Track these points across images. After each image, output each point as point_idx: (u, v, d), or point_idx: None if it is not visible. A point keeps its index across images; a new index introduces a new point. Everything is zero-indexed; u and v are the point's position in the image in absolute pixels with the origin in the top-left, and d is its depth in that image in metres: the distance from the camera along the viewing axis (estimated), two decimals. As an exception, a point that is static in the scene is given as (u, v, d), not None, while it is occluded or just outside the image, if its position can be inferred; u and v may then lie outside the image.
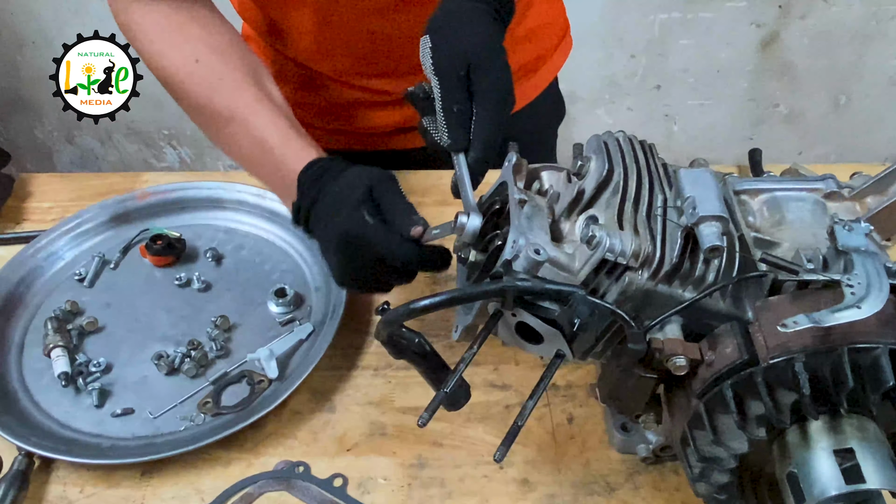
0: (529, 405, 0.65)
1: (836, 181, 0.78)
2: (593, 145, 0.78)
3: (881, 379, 0.59)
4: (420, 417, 0.62)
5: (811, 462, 0.61)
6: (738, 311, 0.69)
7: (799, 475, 0.62)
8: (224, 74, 0.91)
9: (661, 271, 0.67)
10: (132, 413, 0.89)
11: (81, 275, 1.03)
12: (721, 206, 0.67)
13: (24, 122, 2.57)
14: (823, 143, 2.58)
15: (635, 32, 2.33)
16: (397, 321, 0.64)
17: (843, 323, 0.59)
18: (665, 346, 0.65)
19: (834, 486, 0.59)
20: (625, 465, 0.83)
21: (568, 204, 0.73)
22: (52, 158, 2.67)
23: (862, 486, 0.59)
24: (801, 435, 0.63)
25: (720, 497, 0.69)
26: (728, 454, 0.64)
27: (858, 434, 0.62)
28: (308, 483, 0.82)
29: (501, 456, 0.62)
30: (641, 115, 2.51)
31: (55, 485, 0.83)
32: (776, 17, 2.27)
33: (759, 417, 0.62)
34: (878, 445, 0.62)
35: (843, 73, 2.40)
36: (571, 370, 0.92)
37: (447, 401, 0.66)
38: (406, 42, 0.96)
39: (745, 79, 2.42)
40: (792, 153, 2.56)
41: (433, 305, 0.61)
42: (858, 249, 0.65)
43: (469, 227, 0.70)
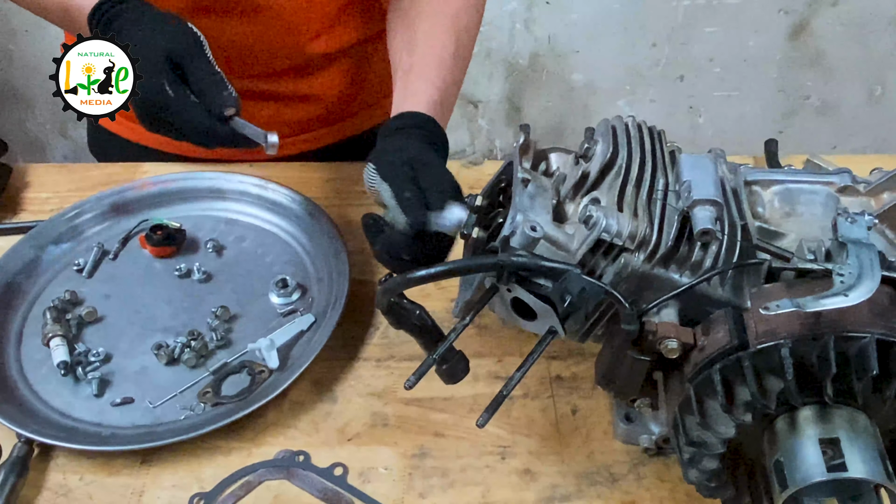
0: (517, 376, 0.71)
1: (851, 175, 0.83)
2: (602, 129, 0.84)
3: (867, 367, 0.64)
4: (407, 380, 0.68)
5: (796, 450, 0.67)
6: (737, 299, 0.74)
7: (784, 462, 0.67)
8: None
9: (657, 254, 0.73)
10: (132, 402, 0.95)
11: (80, 265, 1.10)
12: (716, 191, 0.72)
13: (16, 114, 2.64)
14: (859, 135, 2.61)
15: (658, 19, 2.37)
16: (396, 289, 0.70)
17: (832, 311, 0.64)
18: (658, 328, 0.71)
19: (817, 474, 0.65)
20: (629, 457, 0.88)
21: (572, 185, 0.79)
22: (44, 152, 2.74)
23: (844, 474, 0.64)
24: (790, 423, 0.68)
25: (711, 485, 0.74)
26: (716, 439, 0.69)
27: (847, 425, 0.67)
28: (308, 472, 0.88)
29: (484, 422, 0.68)
30: (665, 107, 2.56)
31: (55, 472, 0.89)
32: (806, 4, 2.31)
33: (746, 403, 0.67)
34: (866, 437, 0.66)
35: (879, 62, 2.43)
36: (577, 362, 0.97)
37: (446, 374, 0.72)
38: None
39: (774, 68, 2.46)
40: (826, 146, 2.60)
41: (430, 276, 0.68)
42: (859, 241, 0.70)
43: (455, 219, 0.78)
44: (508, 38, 2.45)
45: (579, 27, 2.41)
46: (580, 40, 2.45)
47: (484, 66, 2.50)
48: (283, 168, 1.23)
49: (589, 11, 2.38)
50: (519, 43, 2.46)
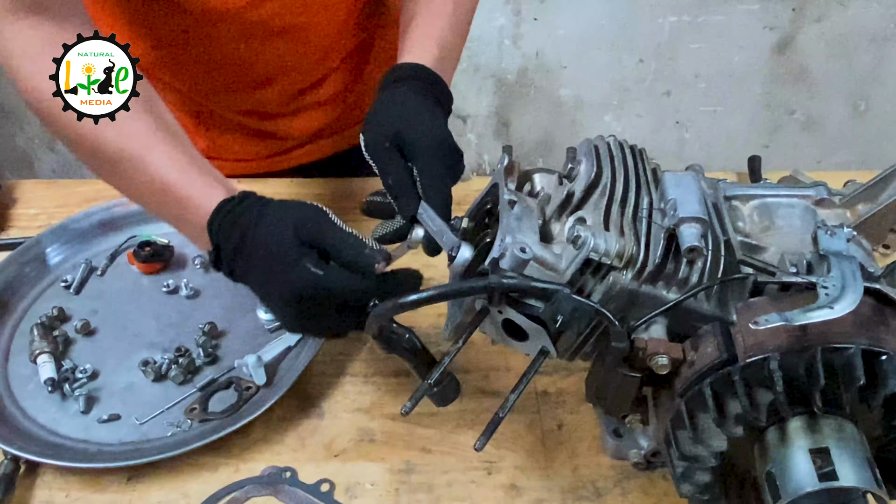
0: (512, 398, 0.71)
1: (827, 188, 0.84)
2: (584, 149, 0.84)
3: (853, 377, 0.64)
4: (403, 406, 0.68)
5: (788, 460, 0.67)
6: (722, 314, 0.74)
7: (776, 473, 0.67)
8: None
9: (644, 271, 0.73)
10: (119, 419, 0.94)
11: (68, 281, 1.10)
12: (701, 209, 0.73)
13: (5, 128, 2.64)
14: (843, 150, 2.64)
15: (644, 35, 2.40)
16: (386, 315, 0.70)
17: (817, 323, 0.65)
18: (648, 345, 0.71)
19: (808, 484, 0.65)
20: (614, 471, 0.89)
21: (558, 205, 0.79)
22: (32, 167, 2.74)
23: (835, 483, 0.64)
24: (780, 435, 0.69)
25: (703, 497, 0.74)
26: (708, 452, 0.70)
27: (836, 434, 0.67)
28: (295, 488, 0.87)
29: (481, 445, 0.68)
30: (651, 122, 2.58)
31: (41, 489, 0.89)
32: (790, 20, 2.34)
33: (738, 416, 0.68)
34: (854, 446, 0.67)
35: (862, 77, 2.46)
36: (562, 377, 0.98)
37: (437, 397, 0.72)
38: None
39: (759, 84, 2.49)
40: (811, 161, 2.63)
41: (421, 300, 0.68)
42: (839, 254, 0.71)
43: (460, 259, 0.76)
44: (497, 53, 2.47)
45: (567, 43, 2.43)
46: (568, 56, 2.47)
47: (472, 81, 2.51)
48: (274, 184, 1.23)
49: (576, 28, 2.40)
50: (507, 58, 2.48)
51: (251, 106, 1.22)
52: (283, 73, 1.18)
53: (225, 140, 1.27)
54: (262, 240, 0.78)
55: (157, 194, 0.86)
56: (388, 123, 0.85)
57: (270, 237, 0.78)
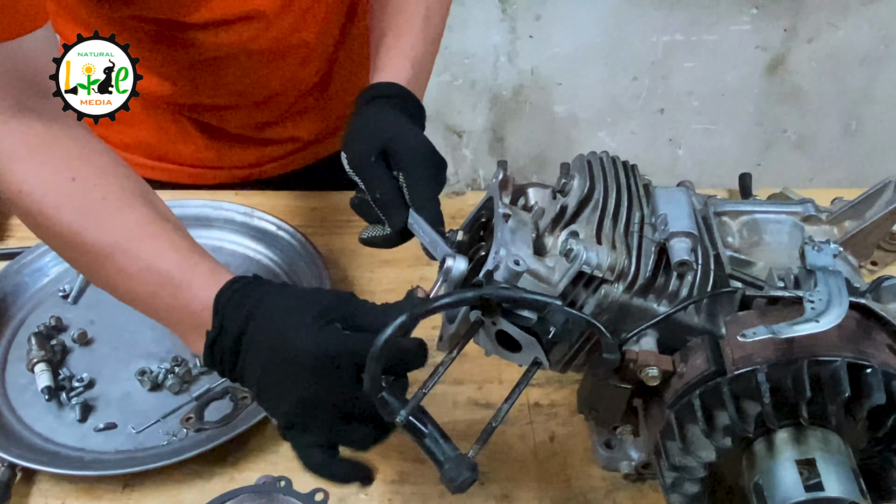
0: (504, 408, 0.72)
1: (814, 205, 0.86)
2: (578, 164, 0.86)
3: (839, 390, 0.66)
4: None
5: (774, 472, 0.68)
6: (712, 327, 0.76)
7: (763, 484, 0.68)
8: (108, 193, 0.80)
9: (635, 284, 0.74)
10: (115, 428, 0.95)
11: (66, 291, 1.10)
12: (691, 224, 0.74)
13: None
14: (835, 168, 2.66)
15: (638, 54, 2.42)
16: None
17: (804, 336, 0.66)
18: (639, 357, 0.72)
19: (795, 494, 0.66)
20: (605, 483, 0.89)
21: (551, 219, 0.81)
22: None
23: (821, 494, 0.66)
24: (767, 446, 0.70)
25: (693, 508, 0.76)
26: (697, 463, 0.71)
27: (822, 445, 0.69)
28: (289, 497, 0.88)
29: (475, 453, 0.69)
30: (645, 139, 2.60)
31: (37, 497, 0.89)
32: (782, 40, 2.37)
33: (726, 427, 0.69)
34: (840, 457, 0.68)
35: (854, 97, 2.49)
36: (555, 390, 0.99)
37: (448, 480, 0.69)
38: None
39: (751, 103, 2.52)
40: (803, 179, 2.65)
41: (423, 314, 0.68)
42: (826, 269, 0.72)
43: (455, 271, 0.77)
44: (492, 70, 2.49)
45: (562, 60, 2.46)
46: (563, 73, 2.49)
47: (468, 96, 2.53)
48: (268, 197, 1.24)
49: (571, 45, 2.42)
50: (503, 75, 2.50)
51: (252, 119, 1.24)
52: (290, 87, 1.20)
53: (220, 147, 1.28)
54: (278, 311, 0.71)
55: (148, 282, 0.78)
56: (374, 137, 0.86)
57: (293, 306, 0.71)
